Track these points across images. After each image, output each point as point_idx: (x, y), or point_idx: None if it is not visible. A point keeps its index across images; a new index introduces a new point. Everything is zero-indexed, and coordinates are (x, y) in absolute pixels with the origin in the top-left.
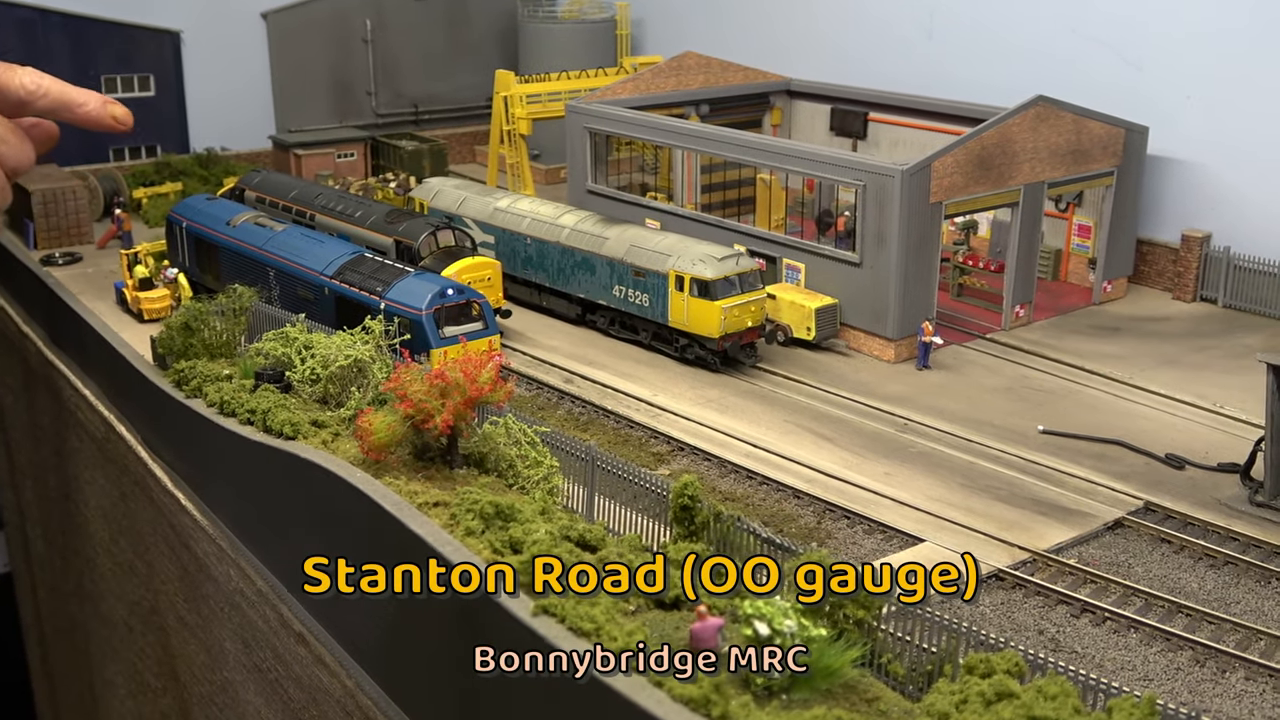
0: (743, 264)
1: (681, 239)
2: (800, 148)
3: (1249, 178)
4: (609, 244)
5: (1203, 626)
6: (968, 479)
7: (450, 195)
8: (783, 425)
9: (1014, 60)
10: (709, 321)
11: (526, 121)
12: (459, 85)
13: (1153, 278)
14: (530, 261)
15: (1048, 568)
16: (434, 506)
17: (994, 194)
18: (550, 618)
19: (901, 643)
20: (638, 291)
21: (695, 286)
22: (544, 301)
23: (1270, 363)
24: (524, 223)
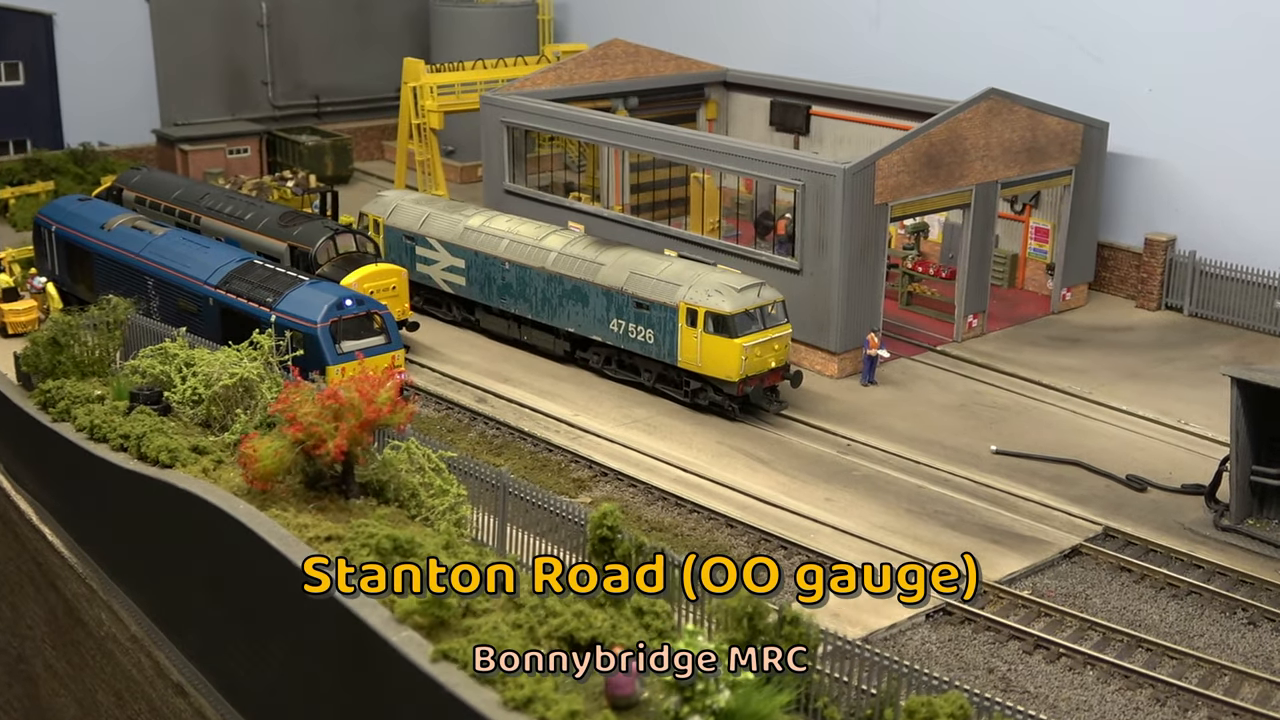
0: (765, 294)
1: (691, 265)
2: (734, 144)
3: (1216, 177)
4: (605, 270)
5: (1164, 662)
6: (914, 504)
7: (410, 212)
8: (715, 447)
9: (967, 50)
10: (727, 362)
11: (438, 115)
12: (366, 74)
13: (1115, 284)
14: (508, 290)
15: (999, 600)
16: (325, 541)
17: (943, 195)
18: (451, 663)
19: (840, 685)
20: (640, 326)
21: (711, 321)
22: (525, 336)
23: (1235, 377)
24: (501, 245)
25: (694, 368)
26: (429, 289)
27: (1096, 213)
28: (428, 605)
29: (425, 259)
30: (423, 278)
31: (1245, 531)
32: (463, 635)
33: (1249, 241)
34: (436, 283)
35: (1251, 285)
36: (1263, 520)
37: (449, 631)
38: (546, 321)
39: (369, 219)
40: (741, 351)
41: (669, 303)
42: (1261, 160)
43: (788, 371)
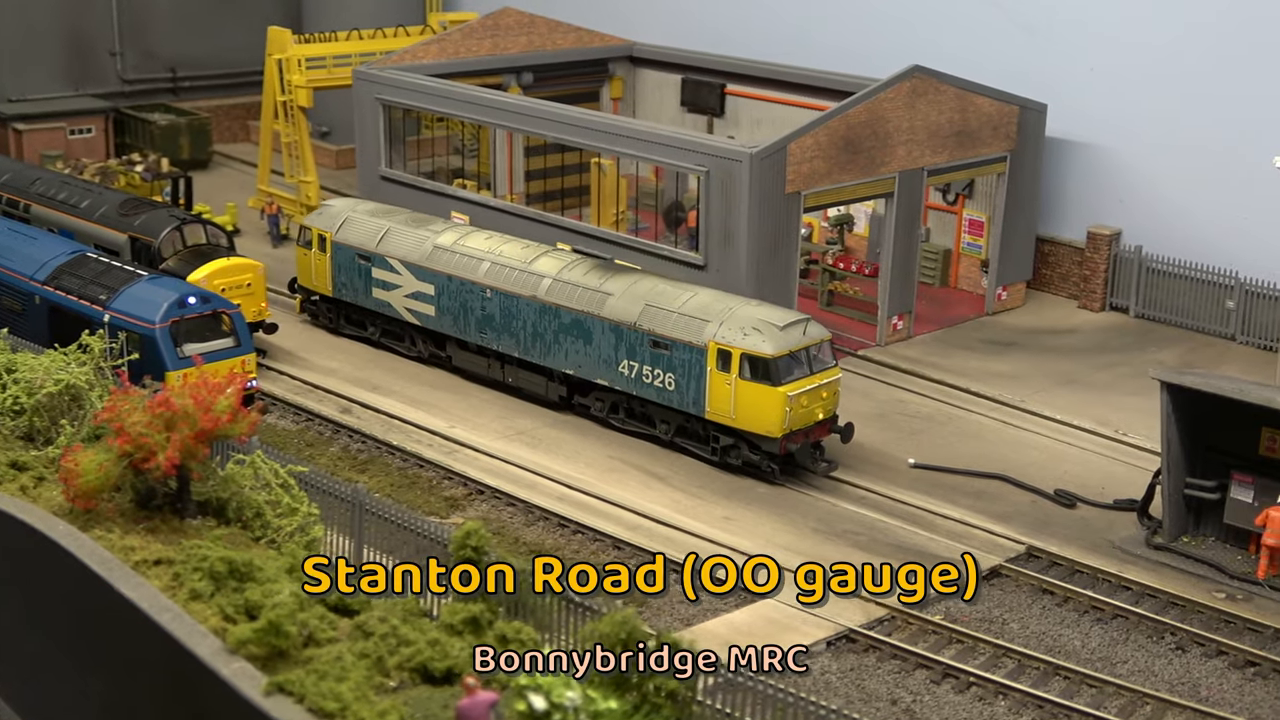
0: (811, 333)
1: (720, 295)
2: (632, 126)
3: (1165, 165)
4: (614, 301)
5: (1082, 691)
6: (823, 523)
7: (364, 226)
8: (606, 462)
9: (891, 24)
10: (767, 414)
11: (306, 91)
12: (228, 45)
13: (1056, 283)
14: (490, 323)
15: (908, 626)
16: (154, 565)
17: (864, 183)
18: (286, 696)
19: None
20: (657, 370)
21: (748, 365)
22: (509, 378)
23: (1165, 380)
24: (481, 268)
25: (725, 420)
26: (388, 319)
27: (1035, 203)
28: (263, 634)
29: (383, 283)
30: (380, 305)
31: (1178, 550)
32: (302, 666)
33: (1200, 236)
34: (397, 311)
35: (1202, 284)
36: (1198, 537)
37: (288, 662)
38: (538, 361)
39: (312, 233)
40: (785, 402)
41: (695, 342)
42: (1214, 146)
43: (836, 424)
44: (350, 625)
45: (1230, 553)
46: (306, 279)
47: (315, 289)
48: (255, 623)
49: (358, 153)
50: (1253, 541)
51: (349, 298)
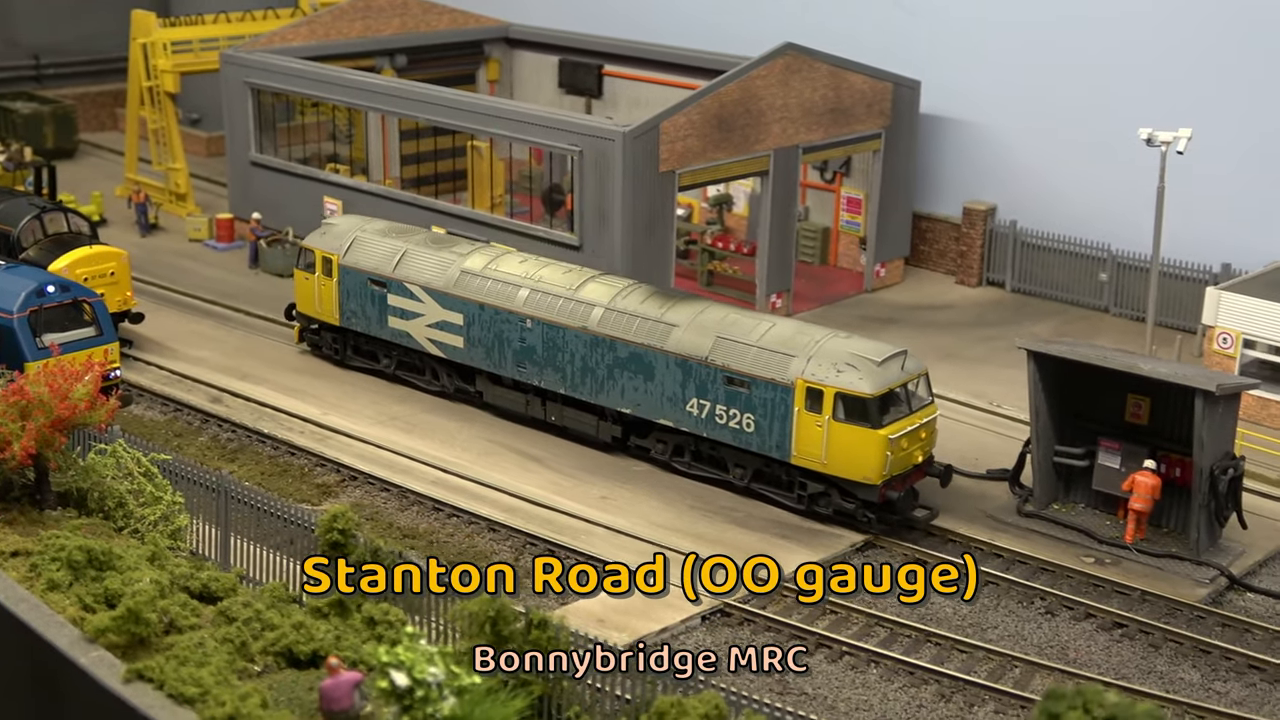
0: (910, 367)
1: (801, 326)
2: (504, 107)
3: (1037, 140)
4: (679, 333)
5: (953, 657)
6: (700, 500)
7: (376, 248)
8: (483, 445)
9: (768, 3)
10: (865, 459)
11: (172, 76)
12: (93, 31)
13: (933, 259)
14: (530, 355)
15: (783, 599)
16: (11, 556)
17: (739, 160)
18: (146, 683)
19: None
20: (733, 409)
21: (842, 405)
22: (552, 416)
23: (1031, 350)
24: (519, 295)
25: (814, 466)
26: (406, 350)
27: (911, 180)
28: (122, 622)
29: (402, 311)
30: (397, 335)
31: (1049, 517)
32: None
33: (1073, 210)
34: (418, 343)
35: (1076, 257)
36: (1068, 504)
37: (148, 650)
38: (588, 399)
39: (315, 256)
40: (885, 445)
41: (779, 379)
42: (1085, 121)
43: (932, 466)
44: (214, 612)
45: (1099, 518)
46: (308, 306)
47: (318, 317)
48: (114, 611)
49: (227, 138)
50: (1120, 506)
51: (359, 327)
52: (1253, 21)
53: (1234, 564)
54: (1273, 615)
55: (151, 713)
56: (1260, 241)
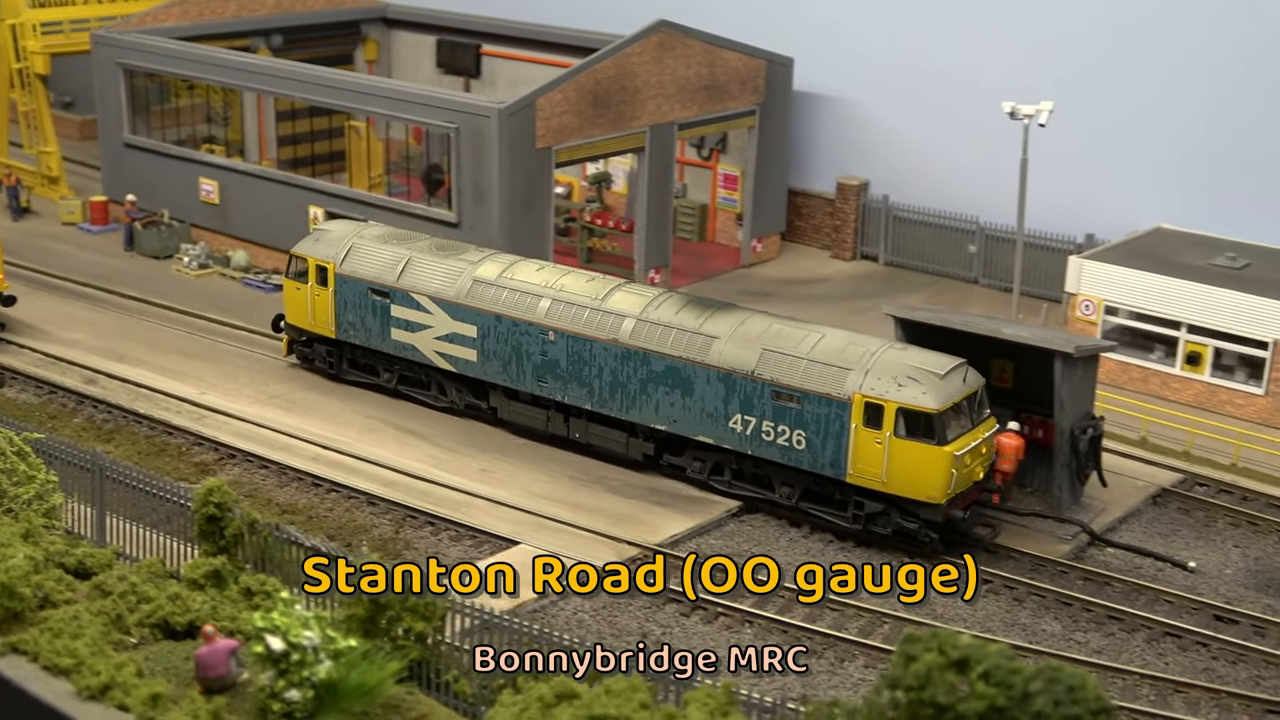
0: (971, 379)
1: (853, 337)
2: (381, 84)
3: (907, 116)
4: (721, 346)
5: (825, 615)
6: (580, 471)
7: (377, 255)
8: (363, 422)
9: None
10: (929, 477)
11: (43, 58)
12: None
13: (809, 234)
14: (553, 370)
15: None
16: None
17: (615, 137)
18: (20, 656)
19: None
20: (782, 425)
21: (905, 421)
22: (575, 433)
23: (898, 316)
24: (540, 306)
25: (873, 484)
26: (410, 363)
27: (785, 156)
28: None
29: (407, 323)
30: (401, 348)
31: None
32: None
33: (943, 184)
34: (425, 356)
35: (946, 230)
36: None
37: (23, 624)
38: (617, 415)
39: (308, 264)
40: (950, 463)
41: (834, 394)
42: (951, 97)
43: (990, 481)
44: (89, 587)
45: None
46: (299, 317)
47: (312, 329)
48: None
49: (100, 120)
50: None
51: (359, 339)
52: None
53: (1095, 520)
54: (1131, 569)
55: (26, 684)
56: (1122, 212)
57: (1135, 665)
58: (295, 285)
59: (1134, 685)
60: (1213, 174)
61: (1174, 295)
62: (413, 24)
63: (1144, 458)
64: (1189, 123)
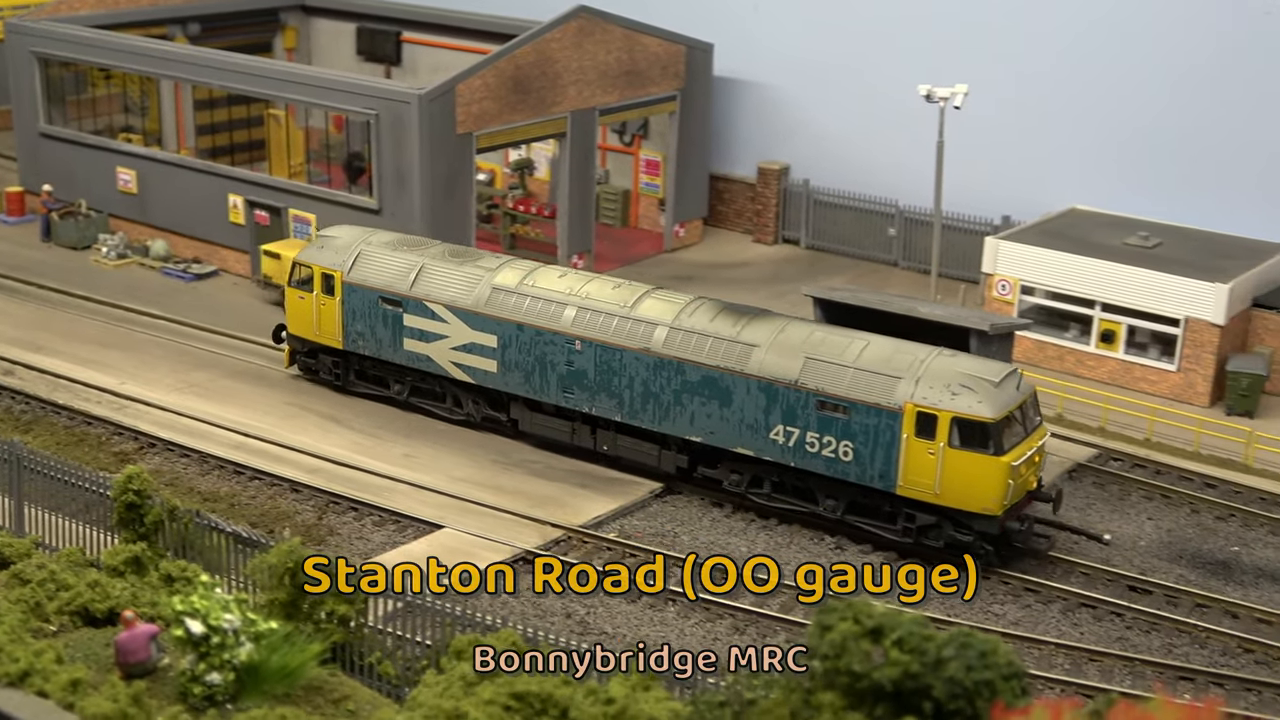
0: (1024, 386)
1: (899, 344)
2: (298, 71)
3: (826, 100)
4: (761, 355)
5: (745, 593)
6: (502, 455)
7: (387, 263)
8: (284, 409)
9: None
10: (985, 488)
11: None
12: None
13: (731, 218)
14: (580, 380)
15: (584, 545)
16: None
17: (536, 122)
18: None
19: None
20: (828, 436)
21: (961, 431)
22: (603, 445)
23: (816, 296)
24: (565, 315)
25: (925, 497)
26: (423, 374)
27: (707, 142)
28: None
29: (421, 333)
30: (415, 359)
31: None
32: None
33: (862, 167)
34: (440, 367)
35: (866, 214)
36: None
37: None
38: (649, 427)
39: (313, 272)
40: (1007, 473)
41: (884, 404)
42: (869, 82)
43: (1041, 491)
44: (7, 575)
45: None
46: (303, 328)
47: (317, 340)
48: None
49: (14, 111)
50: None
51: (369, 350)
52: None
53: None
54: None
55: None
56: (1039, 193)
57: (1051, 635)
58: (299, 294)
59: (1049, 654)
60: (1126, 155)
61: (1088, 274)
62: (332, 11)
63: (1060, 434)
64: (1103, 105)
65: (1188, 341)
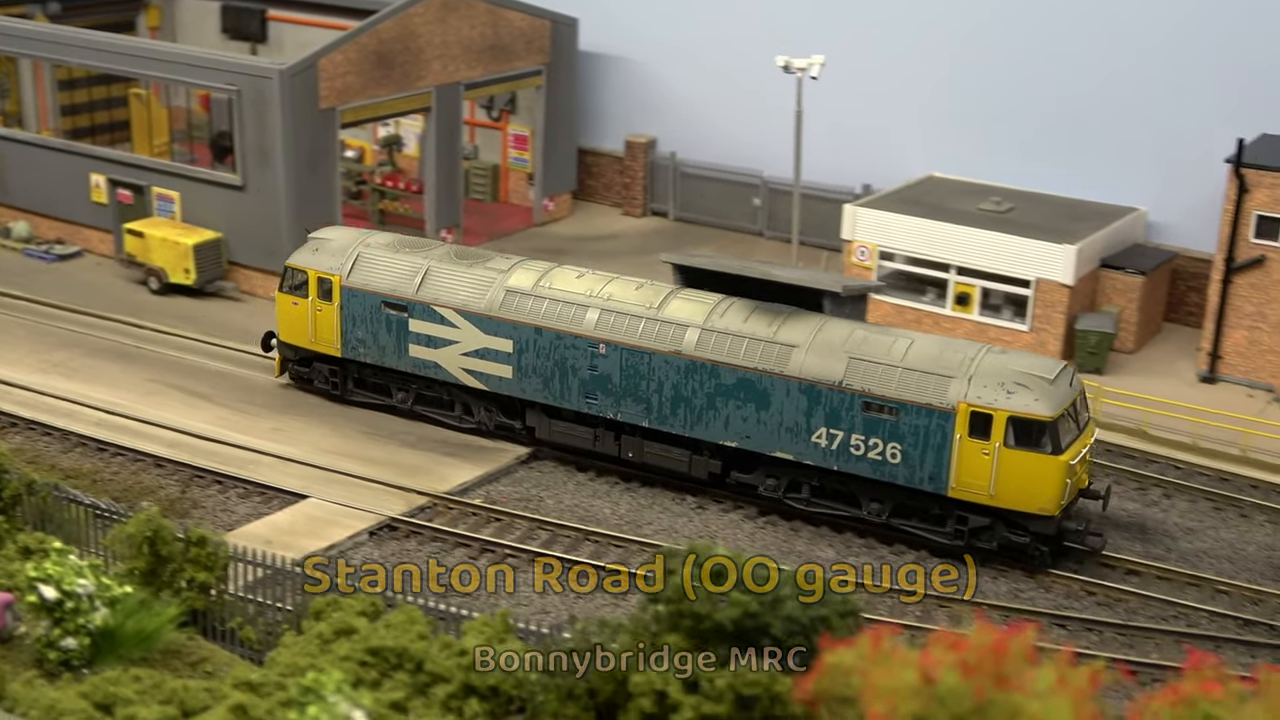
0: (1076, 382)
1: (946, 341)
2: (158, 48)
3: (690, 73)
4: (801, 355)
5: (609, 551)
6: (371, 426)
7: (389, 266)
8: (146, 386)
9: None
10: (1042, 488)
11: None
12: None
13: (600, 192)
14: (603, 385)
15: (449, 511)
16: None
17: (400, 97)
18: None
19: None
20: (874, 438)
21: (1017, 431)
22: (628, 452)
23: (674, 262)
24: (587, 317)
25: (978, 498)
26: (430, 381)
27: (574, 116)
28: None
29: (428, 338)
30: (421, 366)
31: None
32: None
33: (727, 139)
34: (449, 374)
35: (731, 185)
36: None
37: None
38: (680, 432)
39: (308, 277)
40: (1065, 472)
41: (936, 404)
42: (731, 54)
43: (1090, 488)
44: None
45: None
46: (297, 335)
47: (313, 348)
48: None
49: None
50: None
51: (370, 357)
52: None
53: None
54: None
55: None
56: (898, 162)
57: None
58: (292, 300)
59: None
60: (980, 123)
61: (943, 239)
62: None
63: None
64: (957, 74)
65: (1039, 302)
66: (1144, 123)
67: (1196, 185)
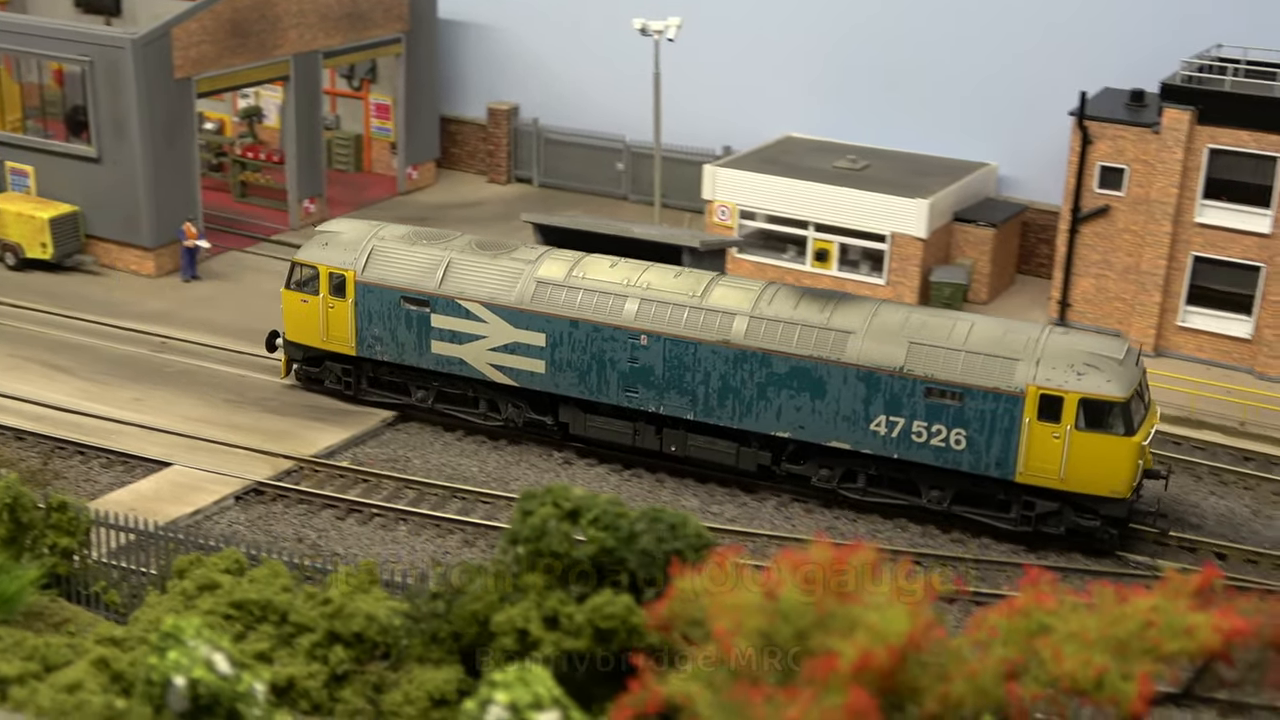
0: (1142, 361)
1: (1007, 323)
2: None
3: (550, 39)
4: (859, 341)
5: (477, 508)
6: (235, 394)
7: (407, 259)
8: (5, 361)
9: None
10: (1114, 470)
11: None
12: None
13: (465, 160)
14: (643, 377)
15: (314, 474)
16: None
17: (258, 66)
18: None
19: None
20: (937, 425)
21: (1088, 413)
22: (670, 446)
23: (534, 221)
24: (627, 308)
25: (1048, 483)
26: (453, 378)
27: (435, 84)
28: None
29: (452, 334)
30: (445, 363)
31: None
32: None
33: (589, 105)
34: (475, 370)
35: (595, 150)
36: None
37: None
38: (728, 424)
39: (319, 272)
40: (1138, 453)
41: (1004, 388)
42: (589, 19)
43: (1153, 469)
44: None
45: None
46: (306, 334)
47: (324, 346)
48: None
49: None
50: None
51: (387, 355)
52: None
53: None
54: None
55: None
56: (757, 123)
57: (765, 529)
58: (301, 298)
59: (763, 546)
60: (834, 83)
61: (801, 197)
62: None
63: None
64: (811, 35)
65: (894, 255)
66: (993, 80)
67: (1044, 140)
